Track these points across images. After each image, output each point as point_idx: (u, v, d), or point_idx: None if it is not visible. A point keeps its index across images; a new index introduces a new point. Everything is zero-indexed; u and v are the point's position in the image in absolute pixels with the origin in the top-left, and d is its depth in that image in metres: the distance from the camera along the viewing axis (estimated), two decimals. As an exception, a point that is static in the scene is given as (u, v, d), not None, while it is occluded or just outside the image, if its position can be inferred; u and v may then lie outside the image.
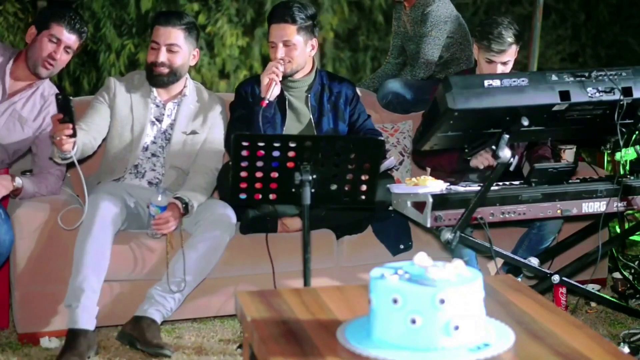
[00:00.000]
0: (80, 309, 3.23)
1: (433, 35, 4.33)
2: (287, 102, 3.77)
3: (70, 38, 3.44)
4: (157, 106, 3.67)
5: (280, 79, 3.62)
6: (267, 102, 3.57)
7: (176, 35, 3.59)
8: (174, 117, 3.68)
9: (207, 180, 3.62)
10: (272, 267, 3.52)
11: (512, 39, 3.66)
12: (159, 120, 3.67)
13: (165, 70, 3.60)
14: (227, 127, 3.72)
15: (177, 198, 3.46)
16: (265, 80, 3.59)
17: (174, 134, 3.65)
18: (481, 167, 3.55)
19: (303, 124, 3.79)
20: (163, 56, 3.58)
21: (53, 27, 3.42)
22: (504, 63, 3.70)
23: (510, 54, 3.70)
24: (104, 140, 3.66)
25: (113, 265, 3.39)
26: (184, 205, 3.45)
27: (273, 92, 3.59)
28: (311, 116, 3.77)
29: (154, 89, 3.67)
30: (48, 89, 3.56)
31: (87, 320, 3.24)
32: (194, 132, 3.67)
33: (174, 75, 3.62)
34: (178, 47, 3.59)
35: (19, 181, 3.39)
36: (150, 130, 3.65)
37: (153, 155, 3.65)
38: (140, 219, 3.59)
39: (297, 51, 3.68)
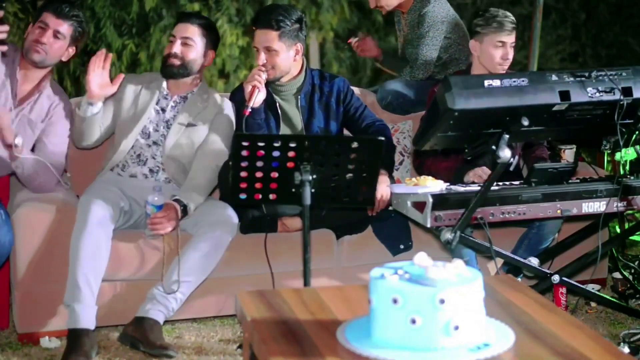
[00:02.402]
0: (79, 309, 3.23)
1: (430, 36, 4.34)
2: (278, 106, 3.76)
3: (58, 22, 3.50)
4: (165, 98, 3.74)
5: (263, 85, 3.61)
6: (250, 110, 3.57)
7: (192, 30, 3.71)
8: (178, 110, 3.72)
9: (207, 178, 3.62)
10: (270, 269, 3.52)
11: (514, 21, 3.81)
12: (163, 110, 3.72)
13: (177, 62, 3.69)
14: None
15: (175, 200, 3.47)
16: (247, 88, 3.60)
17: (174, 124, 3.68)
18: (477, 180, 3.53)
19: (296, 126, 3.79)
20: (177, 48, 3.69)
21: (42, 15, 3.53)
22: (512, 46, 3.79)
23: (515, 38, 3.80)
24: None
25: (113, 265, 3.40)
26: (182, 208, 3.46)
27: (257, 99, 3.59)
28: (301, 117, 3.77)
29: (164, 84, 3.74)
30: (51, 90, 3.59)
31: (87, 319, 3.24)
32: (191, 125, 3.69)
33: (184, 68, 3.70)
34: (192, 41, 3.69)
35: (19, 140, 3.35)
36: (153, 115, 3.70)
37: (154, 143, 3.68)
38: (135, 217, 3.60)
39: (280, 57, 3.68)
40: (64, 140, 3.61)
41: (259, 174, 3.05)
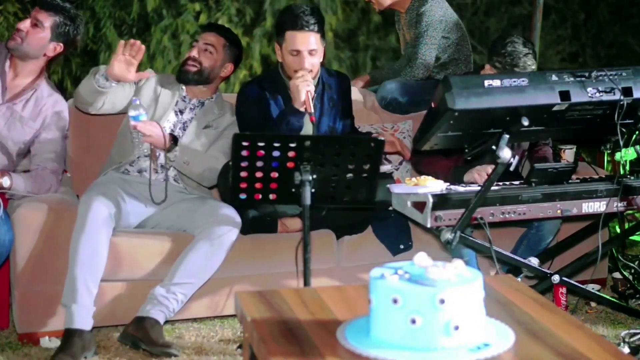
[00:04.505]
0: (75, 309, 3.23)
1: (429, 35, 4.34)
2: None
3: (39, 12, 3.51)
4: (183, 100, 3.76)
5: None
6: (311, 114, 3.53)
7: (216, 40, 3.75)
8: (196, 112, 3.75)
9: (207, 160, 3.63)
10: (296, 266, 3.48)
11: (534, 66, 3.60)
12: (182, 112, 3.73)
13: (194, 68, 3.71)
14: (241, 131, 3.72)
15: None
16: (302, 94, 3.50)
17: (191, 125, 3.71)
18: (479, 181, 3.53)
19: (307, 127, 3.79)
20: (195, 52, 3.73)
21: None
22: None
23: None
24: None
25: (114, 265, 3.40)
26: (171, 137, 3.48)
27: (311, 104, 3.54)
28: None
29: (184, 87, 3.76)
30: (45, 90, 3.58)
31: (82, 320, 3.24)
32: (208, 126, 3.72)
33: (200, 75, 3.72)
34: (213, 48, 3.72)
35: (6, 181, 3.38)
36: (172, 116, 3.71)
37: None
38: (139, 217, 3.60)
39: (319, 57, 3.69)
40: (60, 143, 3.61)
41: (259, 174, 3.05)
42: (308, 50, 3.62)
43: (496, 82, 2.99)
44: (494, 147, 3.05)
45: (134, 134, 3.51)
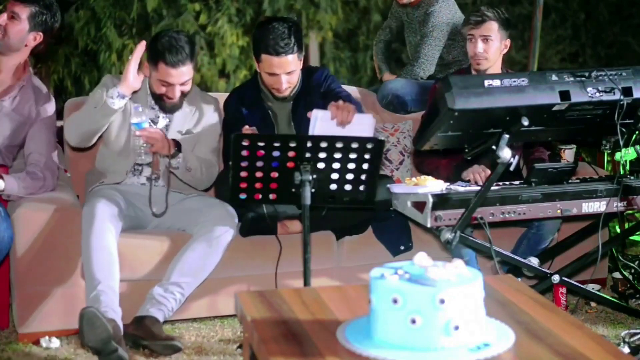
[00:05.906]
0: (102, 307, 3.17)
1: (434, 36, 4.34)
2: (271, 115, 3.71)
3: (15, 4, 3.47)
4: (153, 108, 3.63)
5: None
6: None
7: (187, 71, 3.49)
8: (170, 119, 3.66)
9: (202, 161, 3.60)
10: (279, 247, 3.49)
11: (492, 15, 3.75)
12: (155, 122, 3.63)
13: (177, 101, 3.56)
14: (223, 146, 3.71)
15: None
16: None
17: (169, 134, 3.60)
18: (473, 182, 3.53)
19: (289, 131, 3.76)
20: (178, 92, 3.52)
21: None
22: (485, 39, 3.74)
23: (491, 31, 3.74)
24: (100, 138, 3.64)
25: (113, 265, 3.40)
26: (174, 143, 3.44)
27: None
28: (292, 122, 3.73)
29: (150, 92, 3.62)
30: (33, 86, 3.57)
31: (111, 314, 3.19)
32: (189, 132, 3.66)
33: (183, 97, 3.58)
34: (190, 79, 3.53)
35: (0, 184, 3.38)
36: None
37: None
38: (137, 220, 3.59)
39: (298, 73, 3.63)
40: (51, 139, 3.59)
41: (259, 174, 3.05)
42: (285, 72, 3.57)
43: (496, 82, 2.99)
44: (494, 147, 3.05)
45: (136, 142, 3.43)
